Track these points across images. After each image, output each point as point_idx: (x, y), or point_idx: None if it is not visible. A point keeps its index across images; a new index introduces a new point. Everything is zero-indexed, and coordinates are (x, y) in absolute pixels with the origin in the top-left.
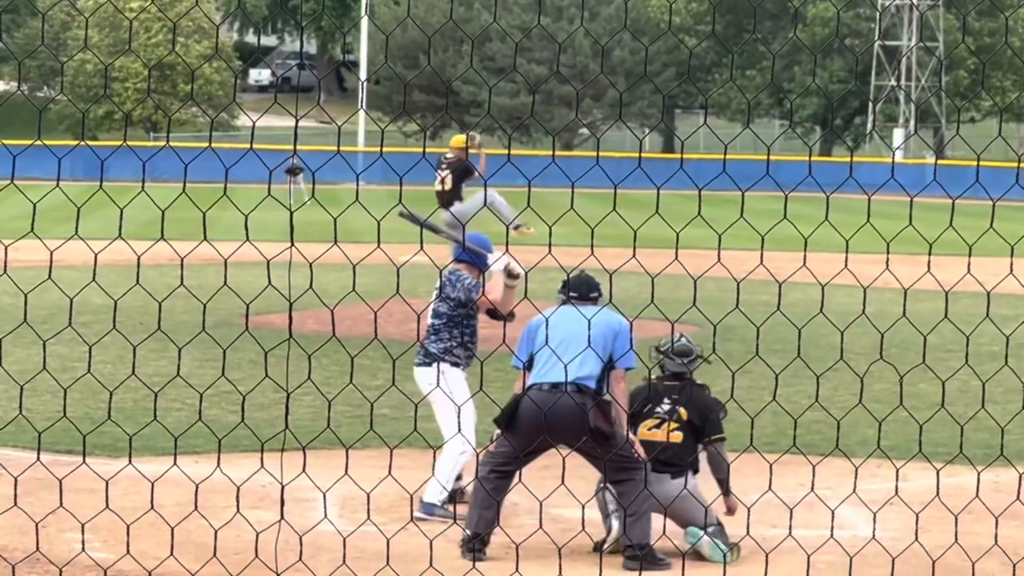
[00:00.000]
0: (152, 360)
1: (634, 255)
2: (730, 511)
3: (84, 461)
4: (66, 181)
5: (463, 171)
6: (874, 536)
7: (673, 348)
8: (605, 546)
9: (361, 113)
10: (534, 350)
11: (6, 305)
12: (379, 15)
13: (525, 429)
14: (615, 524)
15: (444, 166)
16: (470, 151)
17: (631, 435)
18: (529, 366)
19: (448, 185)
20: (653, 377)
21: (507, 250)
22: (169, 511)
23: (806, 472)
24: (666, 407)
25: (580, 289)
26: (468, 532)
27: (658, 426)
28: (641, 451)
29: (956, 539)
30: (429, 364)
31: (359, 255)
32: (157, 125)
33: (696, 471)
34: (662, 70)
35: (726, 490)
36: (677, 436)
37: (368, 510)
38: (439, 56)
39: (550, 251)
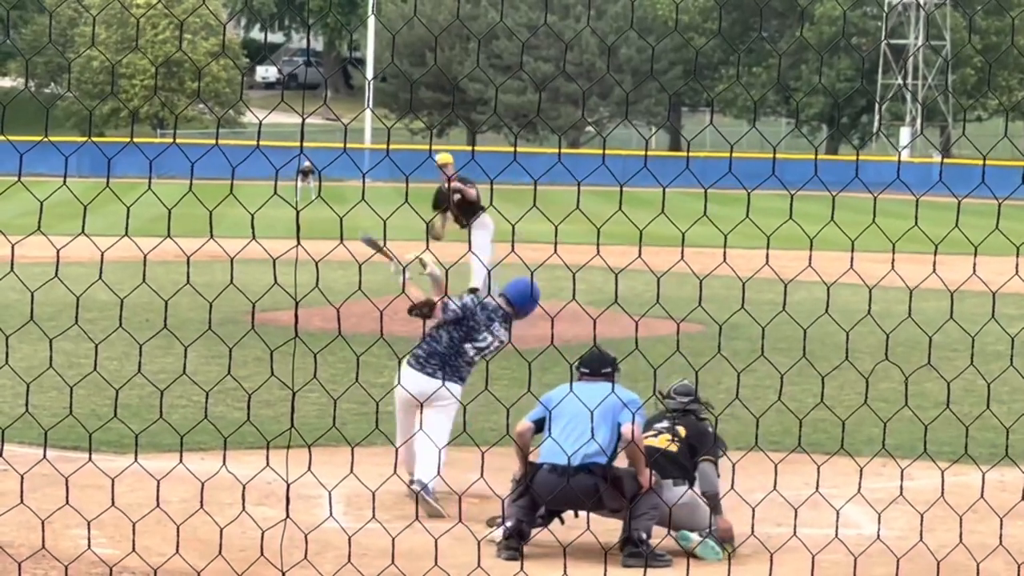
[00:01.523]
0: (158, 357)
1: (640, 254)
2: (723, 532)
3: (90, 458)
4: (72, 178)
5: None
6: (879, 535)
7: (675, 388)
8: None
9: (367, 111)
10: (547, 424)
11: (13, 301)
12: (386, 12)
13: (540, 500)
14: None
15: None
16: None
17: (649, 476)
18: (539, 428)
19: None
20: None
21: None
22: (175, 508)
23: (811, 471)
24: (665, 423)
25: (592, 366)
26: (508, 525)
27: (655, 436)
28: (651, 480)
29: (961, 538)
30: (432, 374)
31: (365, 252)
32: (164, 122)
33: (693, 484)
34: (668, 68)
35: (715, 508)
36: (674, 447)
37: (373, 507)
38: (446, 54)
39: (556, 250)
